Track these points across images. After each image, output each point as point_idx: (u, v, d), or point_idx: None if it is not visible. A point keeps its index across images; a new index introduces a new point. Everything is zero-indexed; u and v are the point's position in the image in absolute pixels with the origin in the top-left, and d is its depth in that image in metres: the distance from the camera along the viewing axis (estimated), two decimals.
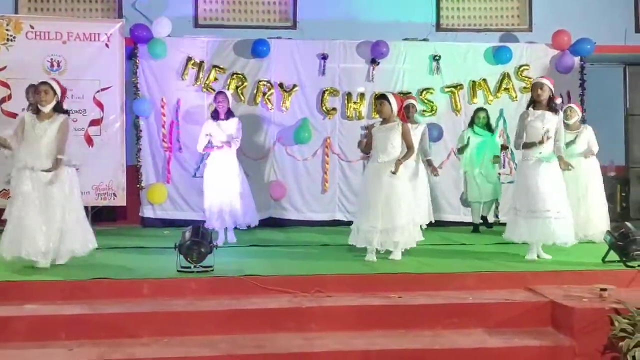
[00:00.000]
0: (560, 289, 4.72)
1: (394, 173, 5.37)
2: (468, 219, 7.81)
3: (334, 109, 8.08)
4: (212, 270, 4.87)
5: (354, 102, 8.07)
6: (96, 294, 4.54)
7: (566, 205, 5.57)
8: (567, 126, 6.85)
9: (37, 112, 5.18)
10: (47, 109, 5.14)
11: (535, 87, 5.62)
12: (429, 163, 6.97)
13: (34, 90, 5.25)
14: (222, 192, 6.34)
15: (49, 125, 5.12)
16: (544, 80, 5.65)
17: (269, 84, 7.97)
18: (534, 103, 5.67)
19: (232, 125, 6.47)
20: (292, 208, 8.07)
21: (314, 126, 8.01)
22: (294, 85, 8.01)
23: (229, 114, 6.53)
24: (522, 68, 8.22)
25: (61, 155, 5.12)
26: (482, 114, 7.46)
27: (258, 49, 7.81)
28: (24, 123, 5.14)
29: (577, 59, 8.25)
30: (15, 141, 5.15)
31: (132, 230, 7.67)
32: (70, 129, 5.34)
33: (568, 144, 6.62)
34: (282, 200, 8.03)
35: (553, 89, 5.64)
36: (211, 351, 3.93)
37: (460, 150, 7.53)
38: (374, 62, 8.06)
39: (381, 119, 5.64)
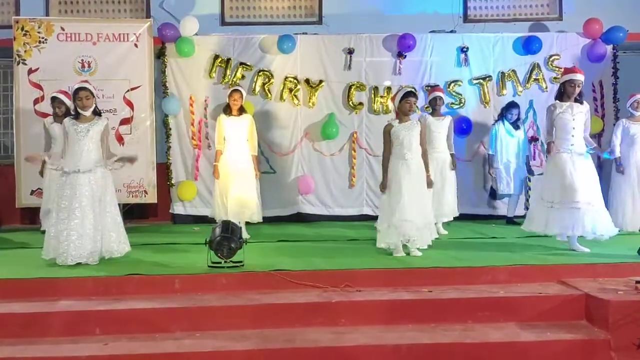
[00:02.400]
0: (594, 282, 4.65)
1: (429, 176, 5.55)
2: (498, 212, 7.78)
3: (360, 103, 8.05)
4: (242, 265, 4.91)
5: (381, 96, 8.04)
6: (129, 290, 4.62)
7: (599, 198, 5.47)
8: (632, 117, 6.82)
9: (76, 116, 5.31)
10: (88, 112, 5.28)
11: (573, 84, 5.48)
12: (451, 157, 6.97)
13: (74, 96, 5.29)
14: (235, 188, 6.38)
15: (91, 127, 5.24)
16: (581, 77, 5.51)
17: (295, 80, 7.98)
18: (561, 95, 5.58)
19: (245, 123, 6.51)
20: (319, 203, 8.09)
21: (340, 121, 8.00)
22: (321, 81, 8.00)
23: (242, 110, 6.57)
24: (552, 58, 8.08)
25: (110, 157, 5.32)
26: (515, 111, 7.43)
27: (284, 45, 7.83)
28: (65, 129, 5.29)
29: (609, 48, 8.08)
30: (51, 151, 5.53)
31: (163, 227, 7.78)
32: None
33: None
34: (310, 196, 8.04)
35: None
36: (242, 345, 3.96)
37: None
38: (400, 55, 8.00)
39: (396, 117, 5.61)
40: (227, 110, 6.55)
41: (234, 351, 3.92)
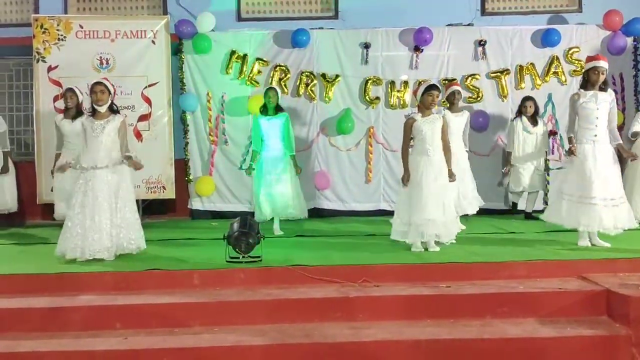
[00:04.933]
0: (615, 277, 4.60)
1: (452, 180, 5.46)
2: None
3: (377, 98, 8.02)
4: (260, 260, 4.93)
5: (398, 91, 8.00)
6: (149, 284, 4.67)
7: (620, 191, 5.40)
8: None
9: (93, 113, 5.36)
10: (103, 108, 5.32)
11: (597, 71, 5.40)
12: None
13: (90, 91, 5.35)
14: (274, 185, 6.40)
15: (106, 124, 5.28)
16: (604, 64, 5.42)
17: (311, 75, 7.97)
18: (585, 84, 5.50)
19: (281, 121, 6.52)
20: (336, 198, 8.08)
21: (356, 116, 7.98)
22: (337, 76, 7.99)
23: (278, 109, 6.59)
24: (571, 50, 7.97)
25: (128, 152, 5.33)
26: (528, 103, 7.35)
27: (297, 39, 7.82)
28: (82, 126, 5.38)
29: (629, 40, 7.96)
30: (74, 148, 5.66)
31: (182, 223, 7.84)
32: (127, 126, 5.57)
33: None
34: (327, 191, 8.04)
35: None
36: (261, 340, 3.98)
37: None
38: (417, 49, 7.95)
39: (418, 111, 5.54)
40: (263, 109, 6.57)
41: (252, 346, 3.94)
